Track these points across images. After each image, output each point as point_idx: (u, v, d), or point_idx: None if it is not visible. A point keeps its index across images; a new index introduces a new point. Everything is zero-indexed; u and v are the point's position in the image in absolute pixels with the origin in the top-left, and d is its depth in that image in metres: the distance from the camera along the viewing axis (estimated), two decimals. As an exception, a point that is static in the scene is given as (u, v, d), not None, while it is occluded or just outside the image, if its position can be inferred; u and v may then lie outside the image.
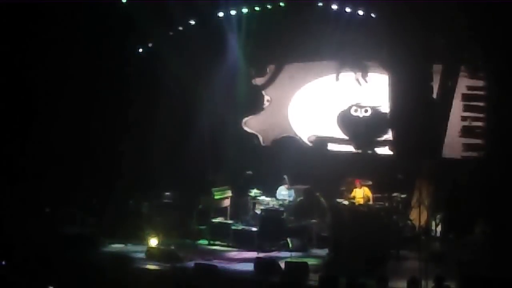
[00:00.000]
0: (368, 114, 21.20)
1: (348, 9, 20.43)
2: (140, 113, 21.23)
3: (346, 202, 18.73)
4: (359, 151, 21.21)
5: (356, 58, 21.61)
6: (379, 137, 21.11)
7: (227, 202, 20.50)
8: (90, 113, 20.57)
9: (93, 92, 20.42)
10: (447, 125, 19.71)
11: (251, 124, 22.94)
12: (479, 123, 20.07)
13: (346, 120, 21.48)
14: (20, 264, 16.03)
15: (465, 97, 20.38)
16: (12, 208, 18.39)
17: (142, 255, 17.58)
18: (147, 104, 21.33)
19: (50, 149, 19.94)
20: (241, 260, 17.57)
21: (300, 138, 22.59)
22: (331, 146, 21.98)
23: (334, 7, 20.52)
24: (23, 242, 17.11)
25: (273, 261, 16.92)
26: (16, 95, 19.81)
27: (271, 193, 20.14)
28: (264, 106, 22.91)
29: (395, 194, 19.15)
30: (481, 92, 20.06)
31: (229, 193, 20.59)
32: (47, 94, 20.08)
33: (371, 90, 21.57)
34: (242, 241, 18.92)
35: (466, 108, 20.41)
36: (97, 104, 20.56)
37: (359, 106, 21.33)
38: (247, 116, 22.87)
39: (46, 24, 19.71)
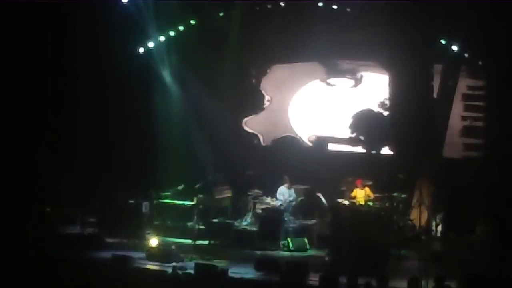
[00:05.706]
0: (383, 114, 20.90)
1: (348, 9, 20.42)
2: (140, 112, 21.22)
3: (346, 202, 18.72)
4: (371, 151, 20.97)
5: (356, 58, 21.62)
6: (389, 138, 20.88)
7: (227, 202, 20.50)
8: (90, 112, 20.57)
9: (93, 92, 20.41)
10: (447, 125, 19.74)
11: (251, 124, 22.93)
12: (479, 123, 20.11)
13: (365, 121, 21.18)
14: (21, 264, 16.03)
15: (465, 97, 20.40)
16: (12, 208, 18.37)
17: (142, 255, 17.56)
18: (147, 104, 21.31)
19: (50, 149, 19.93)
20: (241, 260, 17.54)
21: (301, 138, 22.58)
22: (331, 146, 21.96)
23: (335, 7, 20.52)
24: (23, 242, 17.09)
25: (273, 261, 16.90)
26: (15, 94, 19.79)
27: (272, 193, 20.11)
28: (265, 106, 22.92)
29: (395, 194, 19.15)
30: (481, 92, 20.11)
31: (229, 193, 20.59)
32: (46, 94, 20.07)
33: (371, 90, 21.56)
34: (243, 241, 18.90)
35: (466, 108, 20.43)
36: (97, 104, 20.55)
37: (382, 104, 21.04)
38: (247, 116, 22.87)
39: (46, 24, 19.71)
